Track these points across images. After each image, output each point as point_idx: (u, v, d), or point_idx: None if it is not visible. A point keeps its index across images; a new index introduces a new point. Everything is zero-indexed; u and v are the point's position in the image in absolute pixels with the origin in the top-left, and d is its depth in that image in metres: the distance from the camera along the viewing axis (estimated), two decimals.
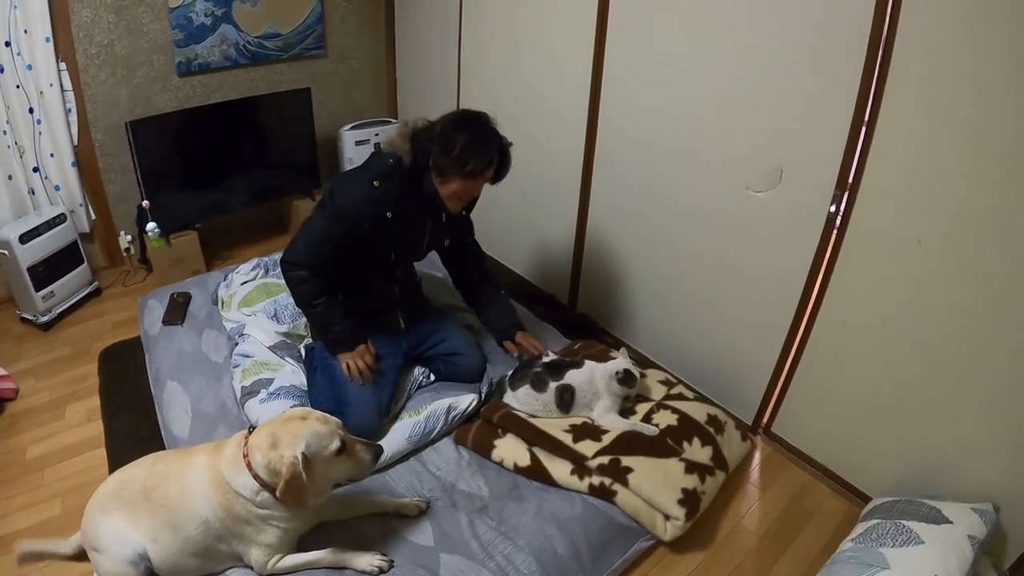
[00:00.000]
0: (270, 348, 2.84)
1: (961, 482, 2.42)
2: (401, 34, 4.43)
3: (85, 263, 3.80)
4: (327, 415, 1.99)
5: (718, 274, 2.94)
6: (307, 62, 4.32)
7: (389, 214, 2.40)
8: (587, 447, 2.49)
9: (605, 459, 2.44)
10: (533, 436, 2.54)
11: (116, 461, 2.66)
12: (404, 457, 2.55)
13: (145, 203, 3.79)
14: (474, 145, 2.29)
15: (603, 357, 2.85)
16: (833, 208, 2.46)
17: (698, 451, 2.55)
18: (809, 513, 2.74)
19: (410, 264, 2.76)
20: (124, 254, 4.05)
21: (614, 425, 2.59)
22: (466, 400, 2.69)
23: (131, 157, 3.74)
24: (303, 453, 1.87)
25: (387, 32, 4.52)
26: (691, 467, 2.47)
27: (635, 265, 3.32)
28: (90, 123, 3.73)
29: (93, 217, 3.95)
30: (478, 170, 2.31)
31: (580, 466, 2.45)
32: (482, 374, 2.85)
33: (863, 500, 2.70)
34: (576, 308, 3.79)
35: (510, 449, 2.54)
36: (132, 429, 2.88)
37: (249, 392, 2.63)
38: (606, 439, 2.52)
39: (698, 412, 2.69)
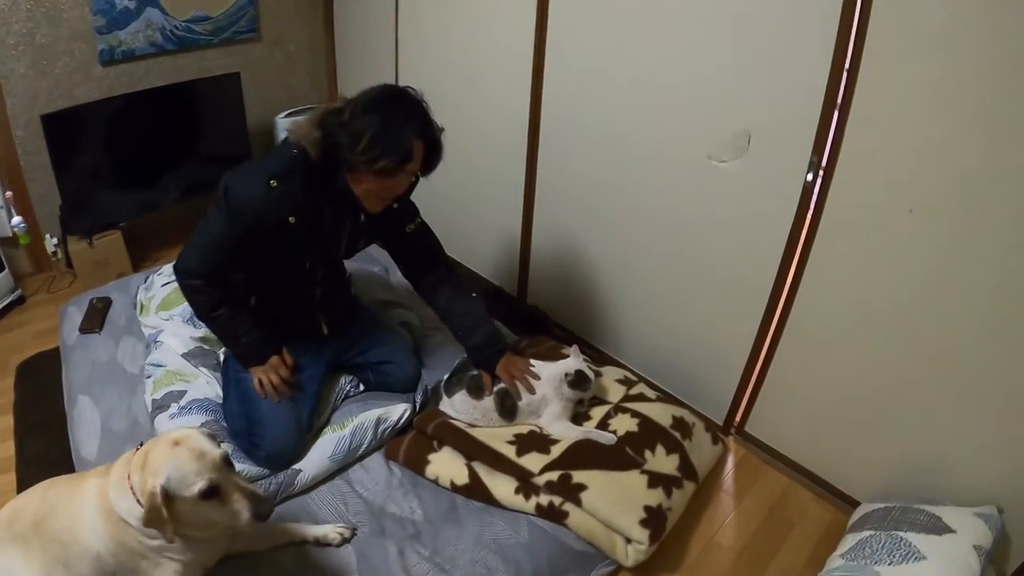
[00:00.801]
0: (184, 356, 2.40)
1: (960, 483, 2.08)
2: (340, 15, 3.96)
3: (6, 270, 3.35)
4: (206, 448, 1.54)
5: (680, 258, 2.50)
6: (239, 47, 3.84)
7: (292, 219, 1.92)
8: (533, 461, 2.05)
9: (554, 475, 2.00)
10: (471, 449, 2.10)
11: (24, 487, 2.18)
12: (328, 476, 2.13)
13: (8, 194, 3.33)
14: (386, 137, 1.77)
15: (554, 354, 2.41)
16: (810, 176, 2.05)
17: (663, 460, 2.11)
18: (790, 523, 2.34)
19: (334, 263, 2.30)
20: (52, 258, 3.58)
21: (565, 434, 2.15)
22: (398, 410, 2.26)
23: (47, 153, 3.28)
24: (163, 487, 1.47)
25: (325, 13, 4.04)
26: (655, 480, 2.04)
27: (588, 251, 2.87)
28: (10, 118, 3.27)
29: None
30: (390, 168, 1.80)
31: (526, 483, 2.02)
32: (416, 383, 2.40)
33: (850, 505, 2.33)
34: (526, 300, 3.32)
35: (446, 465, 2.10)
36: (43, 451, 2.47)
37: (159, 406, 2.22)
38: (555, 451, 2.08)
39: (662, 414, 2.26)
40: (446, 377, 2.32)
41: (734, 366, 2.49)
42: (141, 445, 1.61)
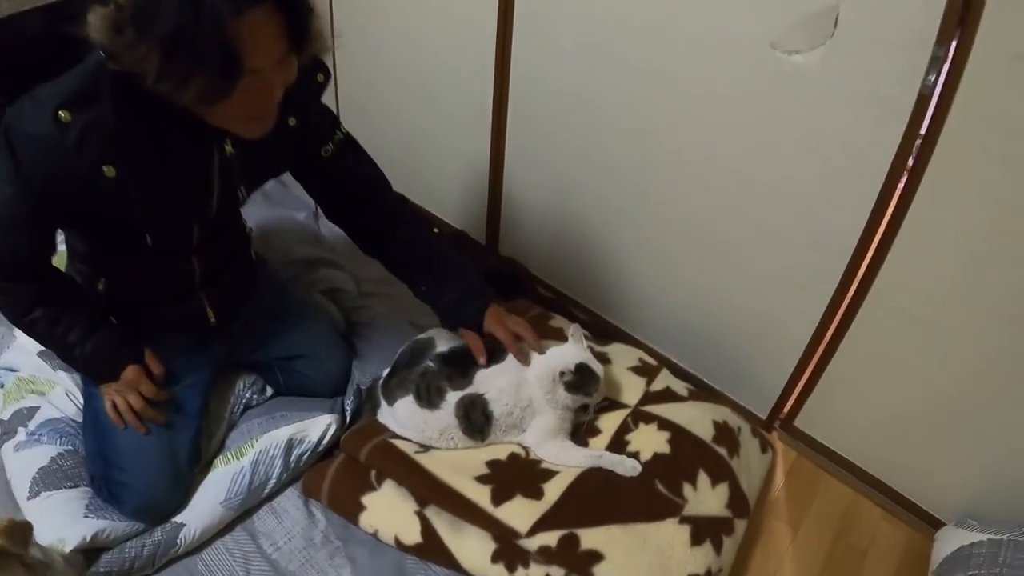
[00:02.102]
0: (41, 355, 1.65)
1: None
2: None
3: None
4: None
5: (717, 193, 1.74)
6: None
7: (107, 169, 1.12)
8: (518, 512, 1.32)
9: (551, 536, 1.28)
10: (423, 488, 1.37)
11: None
12: (225, 528, 1.44)
13: None
14: (181, 36, 0.92)
15: (541, 330, 1.68)
16: (932, 78, 1.31)
17: (708, 496, 1.41)
18: (860, 552, 1.71)
19: (218, 219, 1.45)
20: None
21: (563, 459, 1.43)
22: (318, 426, 1.52)
23: None
24: None
25: None
26: (701, 529, 1.35)
27: (580, 185, 2.06)
28: None
29: None
30: (213, 89, 0.98)
31: (508, 547, 1.30)
32: (345, 383, 1.66)
33: (929, 525, 1.73)
34: (498, 250, 2.52)
35: (388, 512, 1.38)
36: None
37: (7, 431, 1.52)
38: (551, 492, 1.35)
39: (700, 421, 1.55)
40: (385, 374, 1.58)
41: (791, 344, 1.78)
42: None
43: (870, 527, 1.76)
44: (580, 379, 1.44)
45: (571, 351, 1.49)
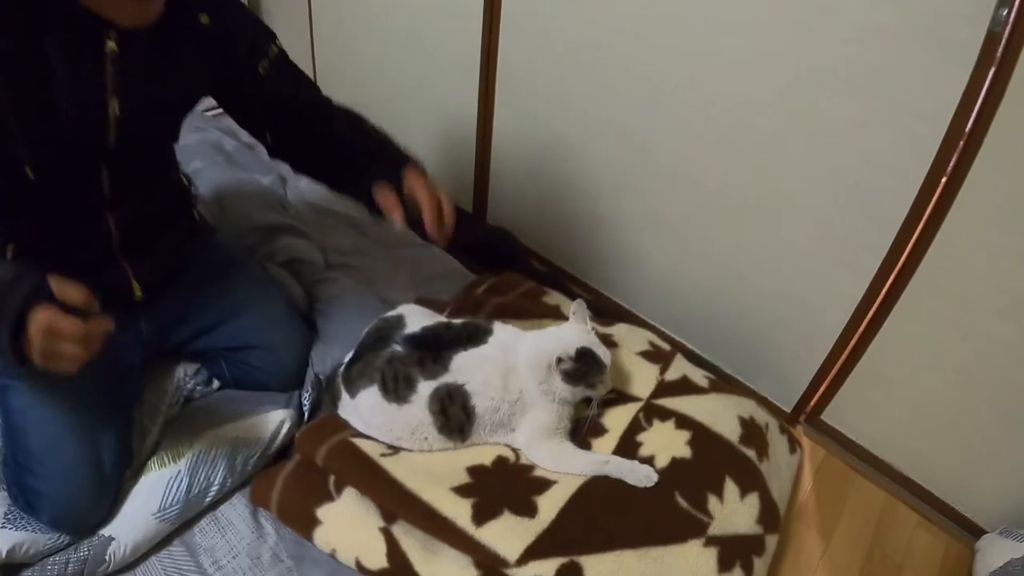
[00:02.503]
0: None
1: None
2: None
3: None
4: None
5: (742, 150, 1.49)
6: None
7: None
8: (506, 536, 1.07)
9: (547, 567, 1.03)
10: (390, 500, 1.13)
11: None
12: (161, 542, 1.21)
13: None
14: None
15: (533, 307, 1.45)
16: (1004, 12, 1.08)
17: (736, 509, 1.18)
18: (896, 565, 1.50)
19: (133, 161, 1.16)
20: None
21: (561, 465, 1.19)
22: (269, 423, 1.28)
23: None
24: None
25: None
26: (730, 551, 1.12)
27: (582, 142, 1.81)
28: None
29: None
30: None
31: (493, 574, 1.06)
32: (300, 375, 1.40)
33: (969, 532, 1.56)
34: (486, 219, 2.25)
35: (348, 527, 1.14)
36: None
37: None
38: (546, 507, 1.11)
39: (724, 417, 1.31)
40: (348, 359, 1.33)
41: (824, 327, 1.55)
42: None
43: (905, 534, 1.56)
44: (581, 367, 1.19)
45: (571, 333, 1.25)
